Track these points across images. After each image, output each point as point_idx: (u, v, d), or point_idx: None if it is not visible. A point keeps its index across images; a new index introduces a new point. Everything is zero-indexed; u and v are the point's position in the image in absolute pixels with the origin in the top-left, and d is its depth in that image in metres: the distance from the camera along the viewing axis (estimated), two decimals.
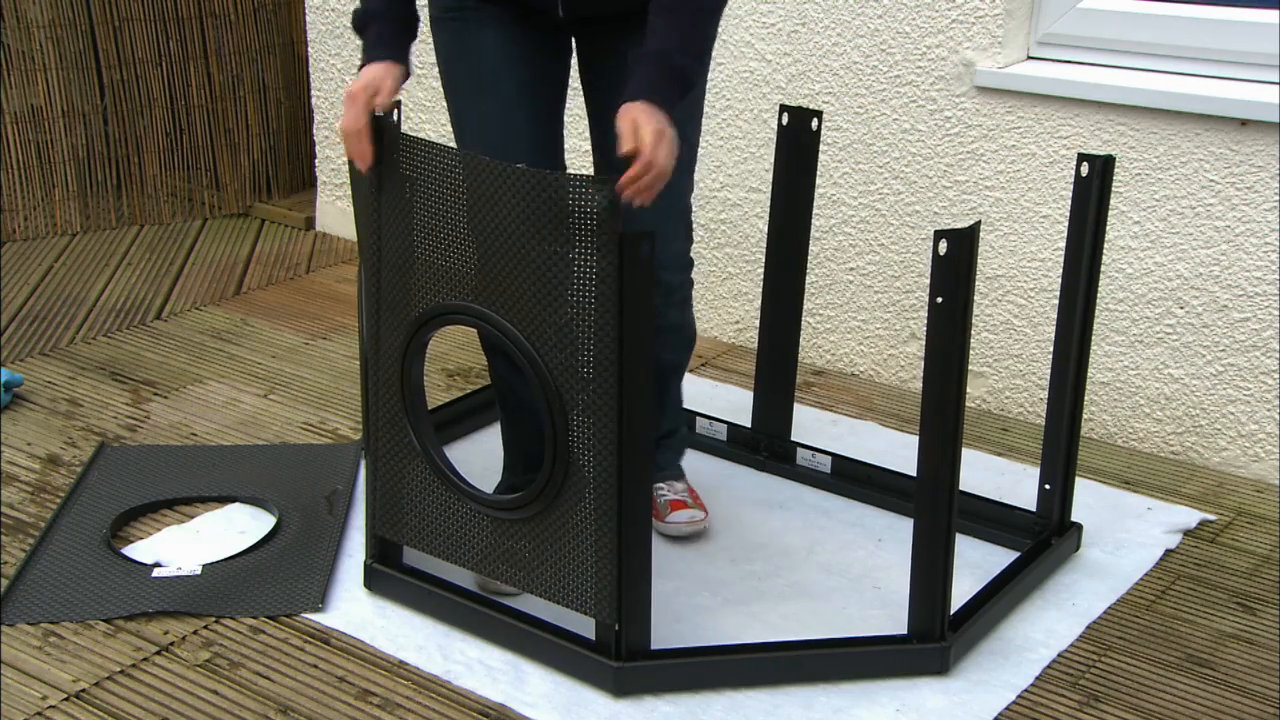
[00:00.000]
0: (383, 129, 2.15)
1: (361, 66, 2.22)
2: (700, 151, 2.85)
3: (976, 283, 2.08)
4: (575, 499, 2.12)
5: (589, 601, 2.15)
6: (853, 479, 2.81)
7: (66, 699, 2.16)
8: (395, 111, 2.26)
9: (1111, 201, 2.50)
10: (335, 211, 4.34)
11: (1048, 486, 2.57)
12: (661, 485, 2.63)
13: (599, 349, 2.01)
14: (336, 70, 4.11)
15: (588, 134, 2.49)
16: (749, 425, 2.93)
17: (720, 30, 2.49)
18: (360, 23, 2.26)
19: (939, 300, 2.05)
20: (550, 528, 2.17)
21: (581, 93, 2.47)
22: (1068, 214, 2.44)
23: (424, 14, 2.34)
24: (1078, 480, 2.61)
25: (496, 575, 2.27)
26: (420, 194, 2.12)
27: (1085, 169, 2.37)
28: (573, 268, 1.99)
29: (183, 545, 2.59)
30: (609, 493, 2.07)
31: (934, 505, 2.16)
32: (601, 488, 2.08)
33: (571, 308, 2.01)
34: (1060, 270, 2.49)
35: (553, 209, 1.98)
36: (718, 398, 3.19)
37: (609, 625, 2.14)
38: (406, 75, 2.23)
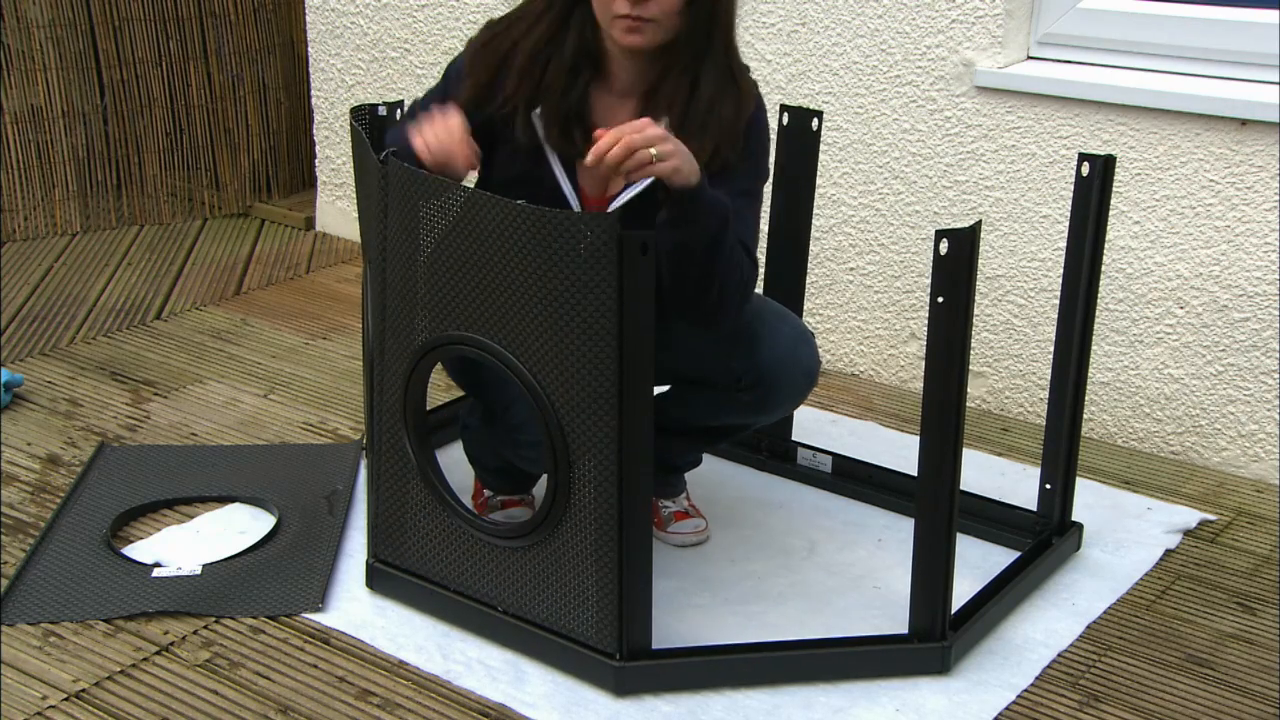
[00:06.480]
0: (386, 161, 2.14)
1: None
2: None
3: (977, 283, 2.07)
4: (576, 531, 2.11)
5: (590, 632, 2.15)
6: (853, 479, 2.80)
7: (66, 699, 2.16)
8: (399, 112, 2.25)
9: (1111, 201, 2.50)
10: (335, 211, 4.33)
11: (1048, 486, 2.57)
12: (667, 500, 2.64)
13: (600, 381, 2.01)
14: (336, 70, 4.11)
15: None
16: None
17: None
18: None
19: (940, 300, 2.05)
20: (551, 558, 2.17)
21: None
22: (1068, 214, 2.44)
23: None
24: (1078, 480, 2.61)
25: (498, 602, 2.27)
26: (424, 224, 2.11)
27: (1086, 169, 2.37)
28: (572, 302, 1.99)
29: (183, 545, 2.59)
30: (610, 525, 2.07)
31: (935, 505, 2.16)
32: (603, 520, 2.08)
33: (572, 340, 2.01)
34: (1060, 270, 2.49)
35: (552, 244, 1.98)
36: None
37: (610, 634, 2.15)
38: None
